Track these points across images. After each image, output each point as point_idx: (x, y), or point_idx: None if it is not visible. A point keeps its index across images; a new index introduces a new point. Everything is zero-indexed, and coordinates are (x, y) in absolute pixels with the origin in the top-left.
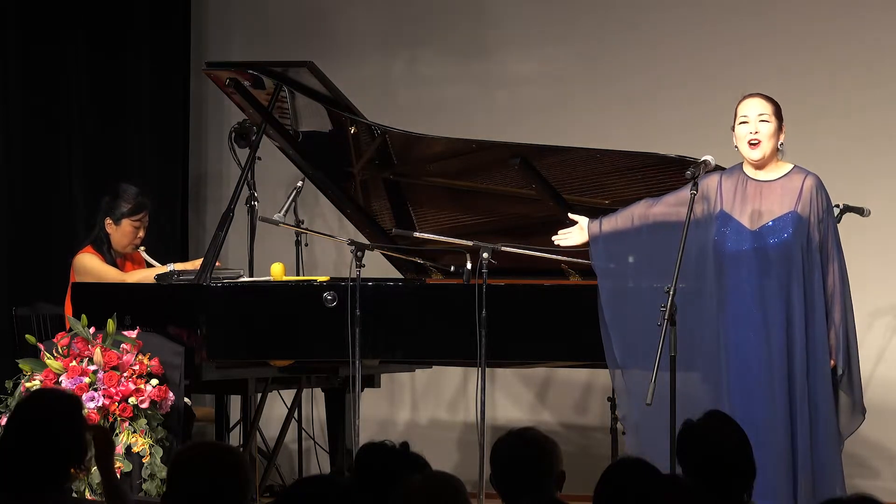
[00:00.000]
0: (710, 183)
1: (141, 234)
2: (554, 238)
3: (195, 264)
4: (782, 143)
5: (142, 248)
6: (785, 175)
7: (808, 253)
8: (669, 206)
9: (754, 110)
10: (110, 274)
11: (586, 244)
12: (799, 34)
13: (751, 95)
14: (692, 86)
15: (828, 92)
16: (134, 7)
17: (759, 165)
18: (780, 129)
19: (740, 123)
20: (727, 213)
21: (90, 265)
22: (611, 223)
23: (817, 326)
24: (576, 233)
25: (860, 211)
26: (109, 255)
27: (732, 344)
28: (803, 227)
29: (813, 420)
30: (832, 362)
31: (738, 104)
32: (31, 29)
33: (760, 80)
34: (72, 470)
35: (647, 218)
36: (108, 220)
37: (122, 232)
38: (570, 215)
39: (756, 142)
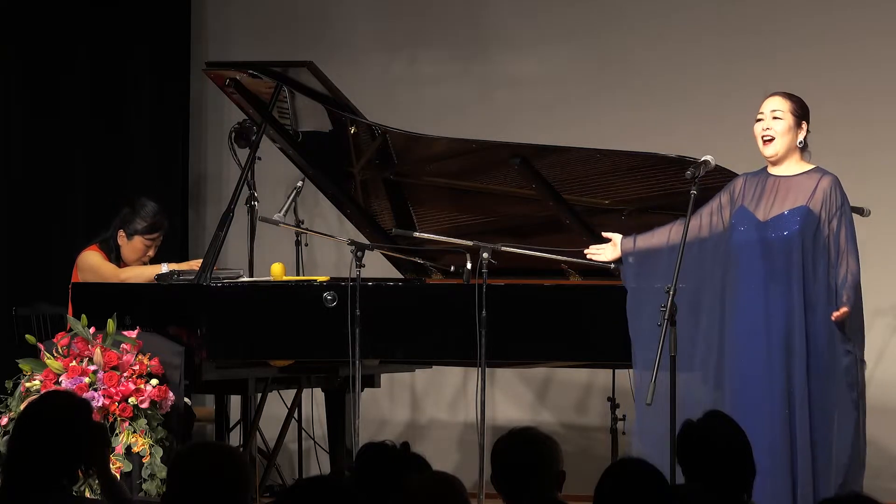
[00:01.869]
0: (736, 185)
1: (151, 252)
2: (586, 252)
3: (191, 265)
4: (801, 142)
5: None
6: (804, 172)
7: (813, 249)
8: (706, 218)
9: (768, 107)
10: (106, 270)
11: (617, 260)
12: (801, 33)
13: (772, 94)
14: (692, 85)
15: (828, 91)
16: (134, 7)
17: (775, 162)
18: (797, 126)
19: (757, 121)
20: (744, 207)
21: (91, 262)
22: (645, 240)
23: (818, 324)
24: (609, 250)
25: (860, 211)
26: (116, 262)
27: (736, 333)
28: (812, 222)
29: (813, 420)
30: (843, 308)
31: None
32: (32, 29)
33: (762, 80)
34: (79, 472)
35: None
36: (122, 233)
37: (132, 247)
38: (604, 233)
39: (768, 138)
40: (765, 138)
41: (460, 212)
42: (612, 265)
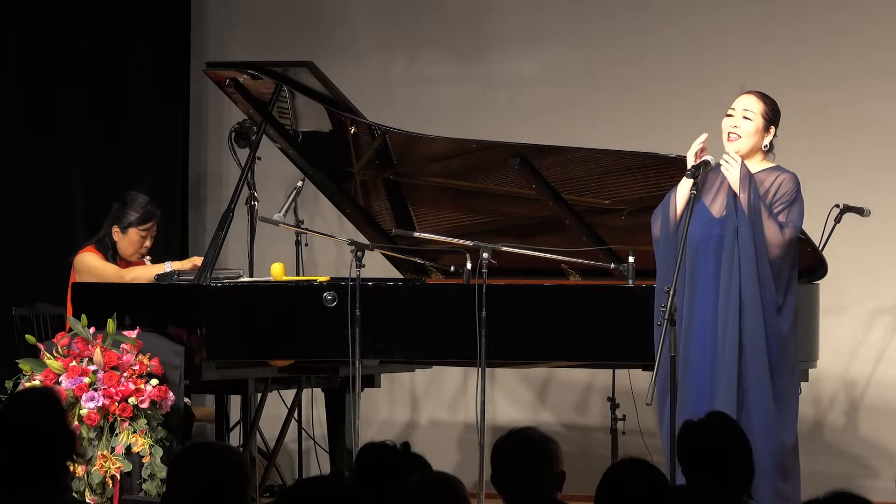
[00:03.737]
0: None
1: (147, 243)
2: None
3: (191, 262)
4: (766, 146)
5: (147, 258)
6: (763, 170)
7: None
8: None
9: (741, 104)
10: (108, 271)
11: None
12: (801, 36)
13: (748, 91)
14: (692, 85)
15: (828, 91)
16: (134, 8)
17: None
18: (766, 129)
19: (726, 115)
20: (702, 202)
21: (90, 263)
22: None
23: (758, 319)
24: (738, 166)
25: (860, 211)
26: (114, 260)
27: (689, 329)
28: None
29: (747, 414)
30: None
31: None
32: (32, 28)
33: (761, 80)
34: (69, 465)
35: None
36: (116, 228)
37: (128, 240)
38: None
39: (735, 136)
40: (731, 135)
41: (460, 212)
42: (611, 265)
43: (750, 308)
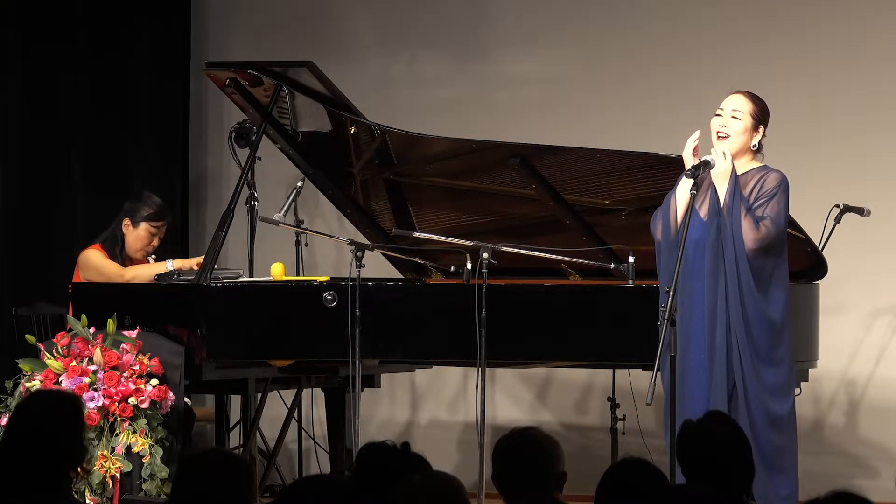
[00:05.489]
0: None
1: (155, 242)
2: (718, 144)
3: (192, 261)
4: (755, 145)
5: (152, 256)
6: (751, 170)
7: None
8: None
9: (730, 104)
10: (111, 269)
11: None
12: (801, 35)
13: (736, 91)
14: (692, 86)
15: (828, 92)
16: (134, 7)
17: None
18: (754, 129)
19: (715, 115)
20: (693, 204)
21: (93, 260)
22: None
23: (741, 314)
24: (725, 161)
25: (860, 211)
26: (120, 257)
27: (684, 331)
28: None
29: (743, 409)
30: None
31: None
32: (32, 28)
33: (761, 81)
34: (72, 472)
35: None
36: (127, 221)
37: (137, 235)
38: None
39: (723, 135)
40: (719, 135)
41: (460, 212)
42: (611, 265)
43: (735, 303)
